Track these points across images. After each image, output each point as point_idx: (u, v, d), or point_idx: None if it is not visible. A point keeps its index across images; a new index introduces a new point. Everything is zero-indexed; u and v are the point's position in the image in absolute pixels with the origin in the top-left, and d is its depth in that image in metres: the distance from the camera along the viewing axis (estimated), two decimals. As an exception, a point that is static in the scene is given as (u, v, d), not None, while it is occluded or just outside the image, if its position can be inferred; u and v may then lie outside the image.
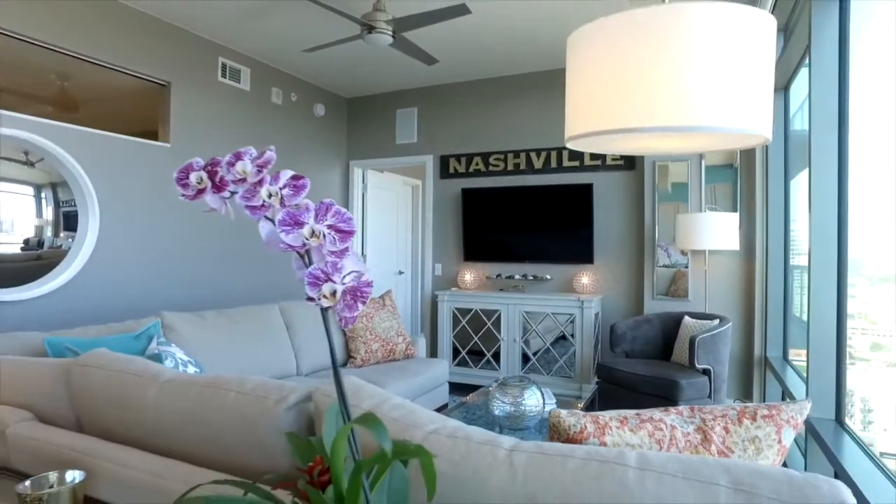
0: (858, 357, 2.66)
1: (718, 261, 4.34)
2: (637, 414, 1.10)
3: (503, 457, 0.88)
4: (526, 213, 5.05)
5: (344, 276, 0.63)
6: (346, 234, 0.65)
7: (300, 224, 0.65)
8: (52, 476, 1.09)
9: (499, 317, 4.82)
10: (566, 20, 4.05)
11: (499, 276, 5.21)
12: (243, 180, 0.67)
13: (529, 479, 0.85)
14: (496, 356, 4.85)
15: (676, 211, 4.48)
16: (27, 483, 1.07)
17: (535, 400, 2.38)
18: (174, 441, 1.25)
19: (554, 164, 5.06)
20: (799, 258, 3.70)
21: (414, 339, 4.00)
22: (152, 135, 4.32)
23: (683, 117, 0.88)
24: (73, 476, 1.10)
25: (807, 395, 2.62)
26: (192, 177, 0.67)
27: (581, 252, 4.87)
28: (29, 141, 3.37)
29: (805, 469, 2.73)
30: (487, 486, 0.85)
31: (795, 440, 3.32)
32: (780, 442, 1.09)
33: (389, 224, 6.53)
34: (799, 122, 3.73)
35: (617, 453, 0.87)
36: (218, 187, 0.67)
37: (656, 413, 1.11)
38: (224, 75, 4.69)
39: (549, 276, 5.02)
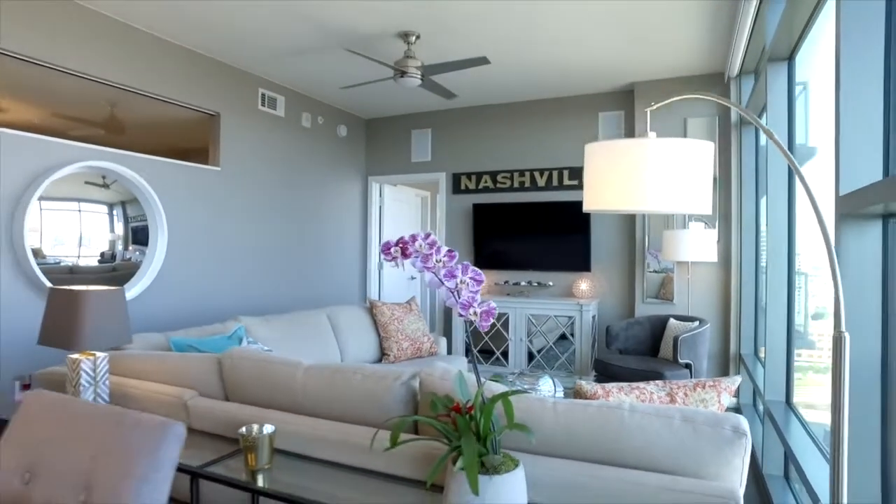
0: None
1: (700, 270, 4.97)
2: (629, 385, 1.71)
3: (550, 406, 1.49)
4: (531, 227, 5.67)
5: (479, 304, 1.24)
6: (478, 282, 1.25)
7: (454, 276, 1.25)
8: (254, 427, 1.69)
9: (507, 319, 5.44)
10: (566, 61, 4.67)
11: (506, 282, 5.81)
12: (420, 251, 1.27)
13: (565, 417, 1.46)
14: (504, 354, 5.47)
15: (665, 221, 5.10)
16: (243, 430, 1.66)
17: (548, 386, 2.99)
18: (318, 407, 1.85)
19: (556, 182, 5.69)
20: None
21: (436, 339, 4.60)
22: (202, 158, 4.89)
23: (649, 204, 1.49)
24: (269, 428, 1.69)
25: (764, 382, 3.24)
26: (393, 250, 1.27)
27: (579, 261, 5.49)
28: (112, 170, 3.95)
29: (762, 437, 3.36)
30: (543, 421, 1.46)
31: (759, 415, 3.96)
32: (719, 402, 1.70)
33: (403, 233, 7.12)
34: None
35: (617, 403, 1.48)
36: (406, 255, 1.27)
37: (641, 384, 1.73)
38: (263, 104, 5.27)
39: (551, 283, 5.64)
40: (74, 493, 0.88)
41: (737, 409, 4.56)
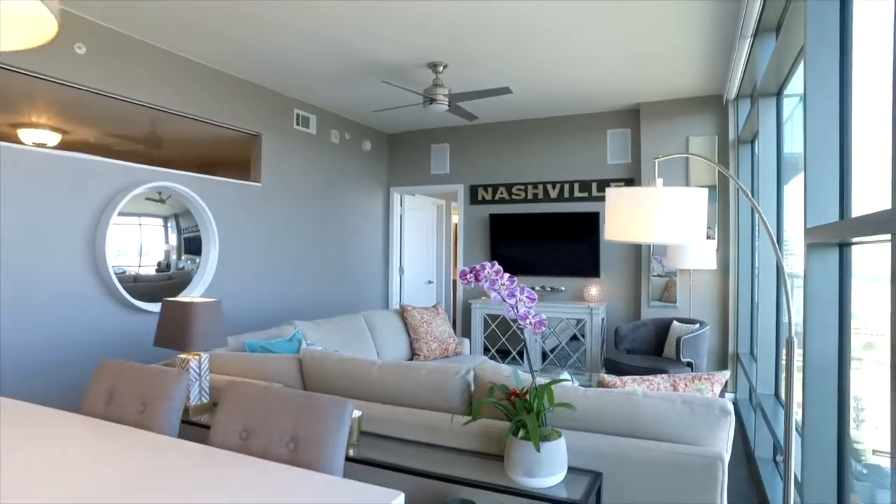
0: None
1: (700, 276, 5.42)
2: (640, 377, 2.17)
3: (582, 392, 1.95)
4: (544, 235, 6.13)
5: (534, 316, 1.69)
6: (532, 299, 1.71)
7: (514, 296, 1.71)
8: (345, 410, 2.14)
9: (522, 321, 5.89)
10: (578, 84, 5.13)
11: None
12: (488, 276, 1.73)
13: (593, 400, 1.92)
14: (520, 353, 5.92)
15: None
16: (339, 412, 2.12)
17: (568, 380, 3.45)
18: (393, 396, 2.30)
19: (567, 194, 6.14)
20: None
21: (460, 341, 5.06)
22: (234, 170, 5.35)
23: (656, 237, 1.95)
24: (357, 413, 2.15)
25: (756, 378, 3.70)
26: (469, 275, 1.73)
27: (589, 267, 5.94)
28: (175, 188, 4.41)
29: (755, 425, 3.81)
30: (576, 403, 1.92)
31: (752, 405, 4.40)
32: (712, 391, 2.16)
33: (421, 240, 7.60)
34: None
35: (632, 391, 1.94)
36: (477, 279, 1.73)
37: (650, 377, 2.19)
38: (298, 123, 5.74)
39: (563, 288, 6.10)
40: (283, 443, 1.33)
41: (733, 402, 5.02)
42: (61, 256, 3.67)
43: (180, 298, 2.61)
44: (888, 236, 1.30)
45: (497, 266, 1.73)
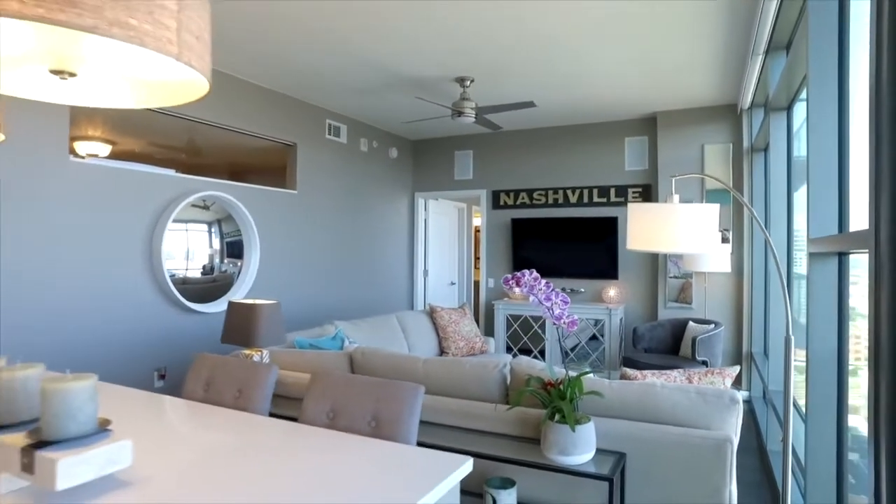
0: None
1: (715, 278, 5.64)
2: (658, 371, 2.44)
3: (607, 384, 2.22)
4: (564, 239, 6.38)
5: (567, 316, 1.97)
6: (566, 302, 1.99)
7: (551, 300, 1.99)
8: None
9: (543, 322, 6.16)
10: (598, 94, 5.39)
11: (541, 288, 6.53)
12: (528, 283, 2.01)
13: (618, 390, 2.19)
14: (541, 352, 6.19)
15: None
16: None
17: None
18: (438, 387, 2.59)
19: (586, 199, 6.40)
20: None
21: (486, 339, 5.34)
22: (275, 180, 5.68)
23: (672, 247, 2.21)
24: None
25: (768, 375, 3.93)
26: (511, 281, 2.01)
27: (608, 270, 6.19)
28: (221, 197, 4.74)
29: (767, 420, 4.04)
30: (603, 393, 2.20)
31: (765, 402, 4.62)
32: (723, 384, 2.42)
33: (444, 243, 7.89)
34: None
35: (651, 382, 2.21)
36: (518, 285, 2.02)
37: (667, 371, 2.45)
38: (329, 133, 6.06)
39: (582, 289, 6.36)
40: (366, 421, 1.62)
41: (747, 401, 5.25)
42: (123, 261, 4.01)
43: (245, 300, 2.92)
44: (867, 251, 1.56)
45: (535, 273, 2.01)
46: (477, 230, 9.29)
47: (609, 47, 4.11)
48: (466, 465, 1.41)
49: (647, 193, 6.15)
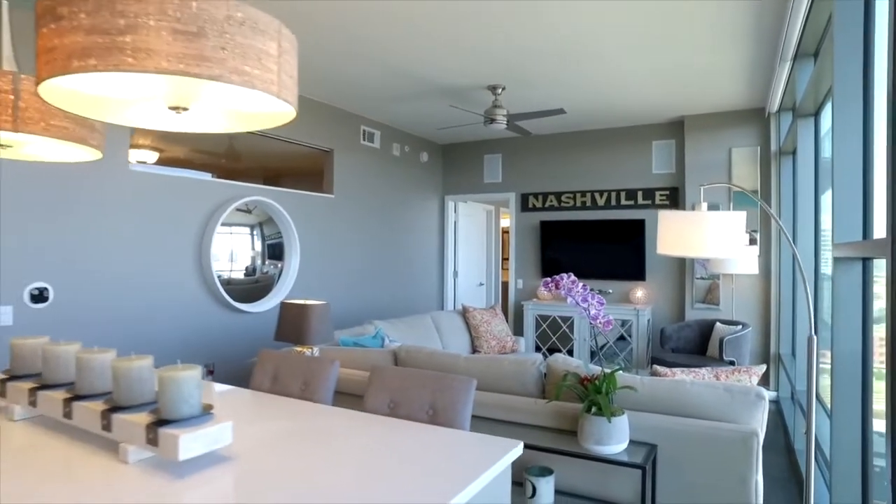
0: None
1: (742, 280, 5.72)
2: (687, 369, 2.58)
3: (639, 380, 2.38)
4: (592, 241, 6.51)
5: (603, 316, 2.14)
6: (602, 304, 2.15)
7: (587, 301, 2.15)
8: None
9: (572, 322, 6.30)
10: (626, 99, 5.51)
11: (569, 289, 6.67)
12: (566, 285, 2.18)
13: (649, 386, 2.35)
14: (570, 352, 6.32)
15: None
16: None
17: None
18: (479, 383, 2.77)
19: (614, 202, 6.51)
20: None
21: (516, 339, 5.50)
22: (311, 184, 5.91)
23: (700, 252, 2.36)
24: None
25: (795, 376, 4.02)
26: (550, 284, 2.18)
27: (635, 271, 6.30)
28: (264, 201, 4.99)
29: (794, 420, 4.13)
30: (635, 388, 2.36)
31: (794, 403, 4.69)
32: (749, 381, 2.55)
33: (472, 244, 8.07)
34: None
35: (681, 379, 2.35)
36: (557, 288, 2.18)
37: (696, 369, 2.59)
38: (364, 139, 6.28)
39: (610, 290, 6.47)
40: (423, 410, 1.81)
41: (775, 401, 5.32)
42: (175, 262, 4.28)
43: (297, 301, 3.14)
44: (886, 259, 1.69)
45: (573, 277, 2.18)
46: (504, 231, 9.45)
47: (638, 56, 4.24)
48: (517, 449, 1.58)
49: (675, 196, 6.24)
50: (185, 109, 1.39)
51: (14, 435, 1.65)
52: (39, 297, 3.44)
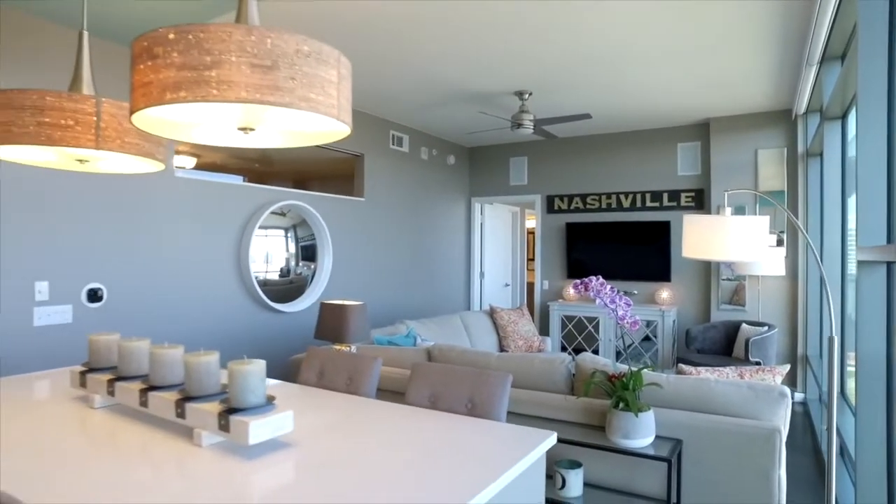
0: None
1: (769, 281, 5.74)
2: (712, 368, 2.68)
3: (665, 377, 2.48)
4: (617, 242, 6.58)
5: (630, 317, 2.25)
6: (629, 305, 2.27)
7: (615, 302, 2.27)
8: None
9: (597, 322, 6.38)
10: (651, 102, 5.57)
11: (595, 290, 6.75)
12: (595, 287, 2.30)
13: (675, 385, 2.45)
14: (595, 351, 6.40)
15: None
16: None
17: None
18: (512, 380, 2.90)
19: (639, 204, 6.57)
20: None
21: (543, 339, 5.61)
22: (341, 188, 6.09)
23: (724, 255, 2.45)
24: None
25: (823, 378, 4.05)
26: (580, 286, 2.30)
27: (660, 272, 6.35)
28: (299, 205, 5.18)
29: (822, 421, 4.17)
30: (662, 386, 2.46)
31: (821, 403, 4.71)
32: (773, 380, 2.63)
33: (498, 245, 8.19)
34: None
35: (706, 377, 2.45)
36: (587, 290, 2.30)
37: (720, 368, 2.69)
38: (393, 143, 6.45)
39: (635, 291, 6.53)
40: (462, 403, 1.95)
41: (802, 403, 5.34)
42: (217, 265, 4.49)
43: (336, 301, 3.31)
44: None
45: (601, 279, 2.30)
46: (530, 232, 9.54)
47: (665, 60, 4.32)
48: (551, 439, 1.71)
49: (700, 198, 6.28)
50: (251, 130, 1.55)
51: (95, 421, 1.83)
52: (94, 296, 3.66)
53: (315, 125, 1.59)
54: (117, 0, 3.11)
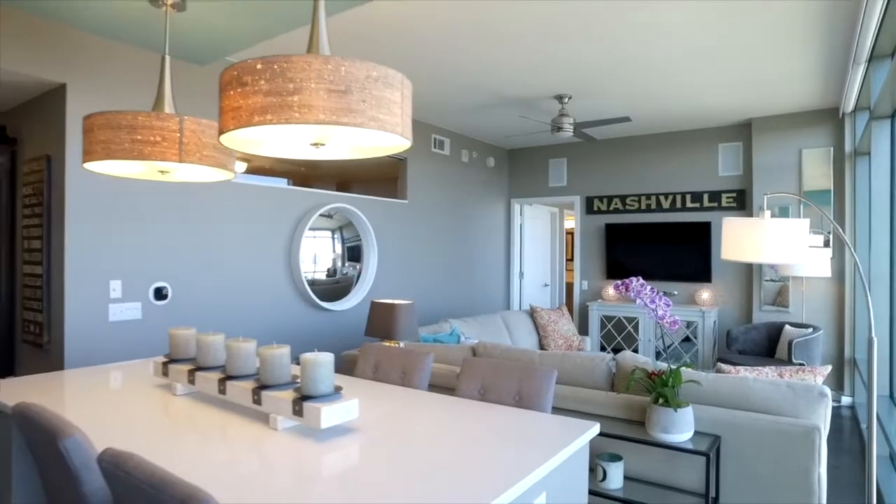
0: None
1: (814, 283, 5.67)
2: (751, 368, 2.74)
3: (704, 375, 2.56)
4: (657, 243, 6.59)
5: (669, 317, 2.34)
6: (668, 304, 2.36)
7: (655, 303, 2.37)
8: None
9: (636, 323, 6.40)
10: (692, 102, 5.58)
11: (635, 290, 6.77)
12: (635, 288, 2.40)
13: (713, 383, 2.53)
14: (634, 351, 6.42)
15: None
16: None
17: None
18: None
19: (679, 205, 6.57)
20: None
21: (582, 339, 5.68)
22: (384, 190, 6.28)
23: (763, 257, 2.51)
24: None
25: (872, 380, 4.02)
26: (620, 287, 2.41)
27: (701, 273, 6.34)
28: (345, 208, 5.40)
29: (867, 422, 4.13)
30: (701, 383, 2.54)
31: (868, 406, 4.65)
32: (814, 380, 2.68)
33: (537, 246, 8.27)
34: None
35: (743, 376, 2.52)
36: (627, 290, 2.41)
37: (759, 368, 2.74)
38: (434, 146, 6.61)
39: (675, 292, 6.53)
40: (510, 396, 2.09)
41: (850, 406, 5.27)
42: (269, 265, 4.73)
43: (385, 300, 3.48)
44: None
45: (642, 280, 2.40)
46: (568, 232, 9.58)
47: (707, 63, 4.35)
48: (594, 429, 1.83)
49: (741, 198, 6.23)
50: (322, 145, 1.73)
51: (177, 407, 2.04)
52: (160, 294, 3.94)
53: (380, 140, 1.75)
54: (189, 22, 3.35)
